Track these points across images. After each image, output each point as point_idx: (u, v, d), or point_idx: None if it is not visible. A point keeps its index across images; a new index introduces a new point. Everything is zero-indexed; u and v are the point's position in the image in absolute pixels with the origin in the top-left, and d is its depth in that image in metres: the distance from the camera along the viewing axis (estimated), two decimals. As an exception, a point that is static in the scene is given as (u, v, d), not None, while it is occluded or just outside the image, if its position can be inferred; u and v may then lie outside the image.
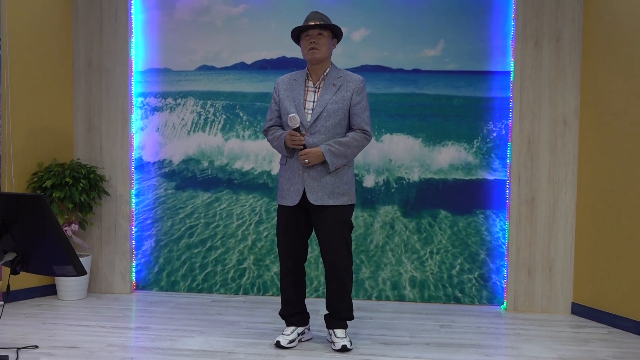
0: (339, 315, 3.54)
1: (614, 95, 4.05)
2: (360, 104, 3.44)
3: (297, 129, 3.31)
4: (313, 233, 3.57)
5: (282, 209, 3.52)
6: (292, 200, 3.42)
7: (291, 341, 3.51)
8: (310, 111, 3.42)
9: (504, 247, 4.51)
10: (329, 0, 4.54)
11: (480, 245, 4.55)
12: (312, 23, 3.40)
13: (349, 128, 3.48)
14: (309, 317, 3.66)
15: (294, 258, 3.55)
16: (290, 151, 3.42)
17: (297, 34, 3.50)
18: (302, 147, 3.35)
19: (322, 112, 3.39)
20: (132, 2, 4.72)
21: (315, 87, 3.46)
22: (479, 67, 4.53)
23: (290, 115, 3.28)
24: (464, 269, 4.57)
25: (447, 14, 4.53)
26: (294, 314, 3.59)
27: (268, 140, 3.58)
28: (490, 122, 4.53)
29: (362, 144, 3.45)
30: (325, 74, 3.47)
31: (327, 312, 3.59)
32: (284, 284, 3.58)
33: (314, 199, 3.38)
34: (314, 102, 3.44)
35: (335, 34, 3.49)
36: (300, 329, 3.59)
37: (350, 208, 3.50)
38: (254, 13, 4.70)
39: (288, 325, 3.59)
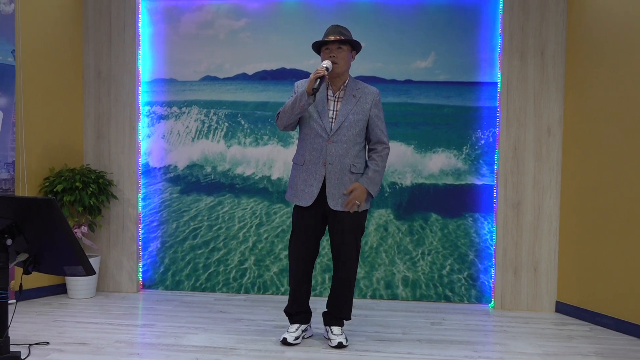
0: (339, 314, 3.53)
1: (595, 105, 4.06)
2: (378, 116, 3.44)
3: (326, 70, 3.25)
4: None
5: (299, 211, 3.47)
6: (306, 201, 3.40)
7: (296, 338, 3.49)
8: (331, 119, 3.40)
9: (492, 248, 4.51)
10: (326, 15, 4.54)
11: (469, 246, 4.55)
12: (332, 37, 3.36)
13: (367, 137, 3.48)
14: (311, 315, 3.64)
15: (306, 259, 3.52)
16: (310, 95, 3.26)
17: (318, 47, 3.47)
18: (321, 76, 3.23)
19: (344, 121, 3.37)
20: (139, 16, 4.72)
21: (335, 97, 3.43)
22: (467, 78, 4.53)
23: (326, 64, 3.28)
24: (453, 269, 4.56)
25: (437, 28, 4.54)
26: (300, 312, 3.56)
27: (280, 114, 3.39)
28: (479, 130, 4.54)
29: (387, 158, 3.47)
30: (345, 84, 3.45)
31: (326, 310, 3.58)
32: (294, 283, 3.54)
33: (334, 204, 3.36)
34: (334, 110, 3.41)
35: (354, 46, 3.47)
36: (303, 326, 3.57)
37: (365, 214, 3.49)
38: (255, 27, 4.70)
39: (293, 322, 3.56)
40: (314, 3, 4.62)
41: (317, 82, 3.21)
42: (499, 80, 4.43)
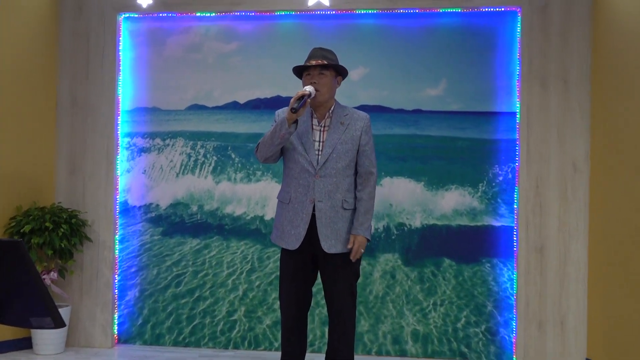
0: (339, 369, 3.48)
1: (626, 138, 4.07)
2: (368, 144, 3.45)
3: (308, 95, 3.23)
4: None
5: (287, 255, 3.46)
6: (292, 244, 3.38)
7: None
8: (317, 151, 3.40)
9: (513, 298, 4.48)
10: (325, 38, 4.60)
11: (487, 296, 4.52)
12: (314, 62, 3.39)
13: (356, 167, 3.48)
14: (307, 374, 3.59)
15: (298, 308, 3.48)
16: (290, 123, 3.25)
17: (299, 71, 3.50)
18: (301, 96, 3.21)
19: (332, 152, 3.37)
20: (120, 38, 4.78)
21: (321, 126, 3.44)
22: (483, 108, 4.57)
23: (308, 88, 3.26)
24: (470, 322, 4.53)
25: (449, 52, 4.60)
26: None
27: (260, 145, 3.41)
28: (496, 166, 4.56)
29: (374, 191, 3.47)
30: (330, 112, 3.46)
31: (326, 367, 3.53)
32: (286, 335, 3.49)
33: (327, 246, 3.34)
34: (320, 141, 3.41)
35: (339, 71, 3.49)
36: (300, 386, 3.51)
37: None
38: (248, 50, 4.76)
39: None
40: (312, 24, 4.69)
41: (297, 103, 3.19)
42: (518, 110, 4.47)
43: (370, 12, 4.61)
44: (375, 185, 3.48)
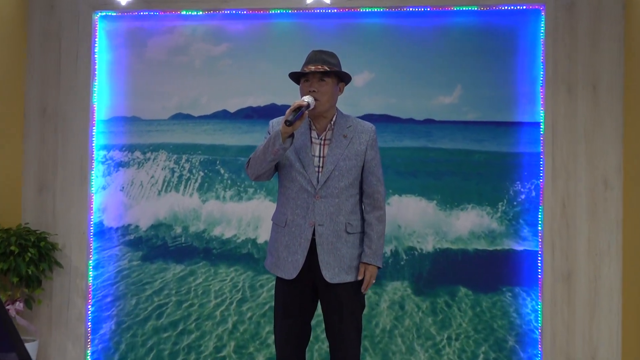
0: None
1: (662, 150, 4.09)
2: (375, 159, 3.41)
3: (306, 107, 3.17)
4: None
5: (282, 284, 3.42)
6: (289, 273, 3.35)
7: None
8: (317, 168, 3.37)
9: (537, 332, 4.47)
10: (325, 39, 4.61)
11: (509, 329, 4.51)
12: (313, 67, 3.34)
13: (360, 185, 3.47)
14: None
15: (295, 343, 3.44)
16: (285, 138, 3.20)
17: (297, 77, 3.48)
18: (298, 107, 3.15)
19: (334, 169, 3.33)
20: (96, 39, 4.80)
21: (321, 139, 3.40)
22: (503, 117, 4.58)
23: (307, 99, 3.21)
24: (489, 358, 4.51)
25: (465, 55, 4.61)
26: None
27: (251, 160, 3.38)
28: (518, 182, 4.56)
29: (385, 213, 3.44)
30: (332, 123, 3.42)
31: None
32: None
33: (330, 276, 3.30)
34: (320, 157, 3.38)
35: (342, 77, 3.46)
36: None
37: None
38: (239, 53, 4.77)
39: None
40: (311, 24, 4.71)
41: (293, 115, 3.13)
42: (542, 120, 4.48)
43: (375, 10, 4.63)
44: (385, 205, 3.46)
